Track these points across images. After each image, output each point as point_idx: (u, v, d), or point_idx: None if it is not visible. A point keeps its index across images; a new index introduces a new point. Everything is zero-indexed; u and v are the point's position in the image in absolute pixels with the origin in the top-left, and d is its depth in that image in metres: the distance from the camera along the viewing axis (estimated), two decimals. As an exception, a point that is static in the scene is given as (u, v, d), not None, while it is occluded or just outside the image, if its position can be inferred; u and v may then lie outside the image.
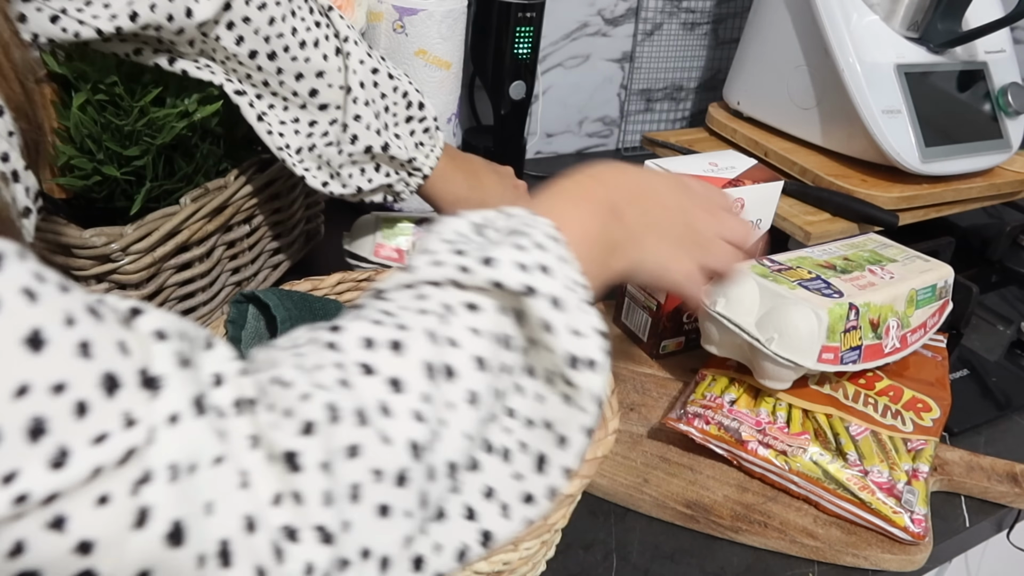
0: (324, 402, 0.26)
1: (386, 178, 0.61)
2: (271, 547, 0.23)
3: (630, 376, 0.67)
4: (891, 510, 0.52)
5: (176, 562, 0.21)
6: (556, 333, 0.31)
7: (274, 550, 0.23)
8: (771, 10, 0.92)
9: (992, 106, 0.89)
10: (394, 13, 0.78)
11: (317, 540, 0.24)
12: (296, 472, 0.24)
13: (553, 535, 0.48)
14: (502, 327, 0.32)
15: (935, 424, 0.58)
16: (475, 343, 0.30)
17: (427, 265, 0.32)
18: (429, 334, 0.29)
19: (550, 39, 1.07)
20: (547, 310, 0.31)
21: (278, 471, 0.24)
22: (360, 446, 0.26)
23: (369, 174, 0.60)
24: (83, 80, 0.55)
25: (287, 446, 0.24)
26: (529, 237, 0.33)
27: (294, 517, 0.24)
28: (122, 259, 0.55)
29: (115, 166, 0.57)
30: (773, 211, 0.66)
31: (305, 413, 0.25)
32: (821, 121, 0.87)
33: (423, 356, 0.29)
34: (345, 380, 0.27)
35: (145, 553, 0.20)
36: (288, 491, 0.24)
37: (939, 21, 0.84)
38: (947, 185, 0.85)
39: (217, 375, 0.24)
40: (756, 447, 0.55)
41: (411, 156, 0.60)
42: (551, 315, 0.31)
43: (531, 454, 0.32)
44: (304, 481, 0.24)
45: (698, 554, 0.52)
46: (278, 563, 0.23)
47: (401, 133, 0.60)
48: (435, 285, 0.31)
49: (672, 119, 1.24)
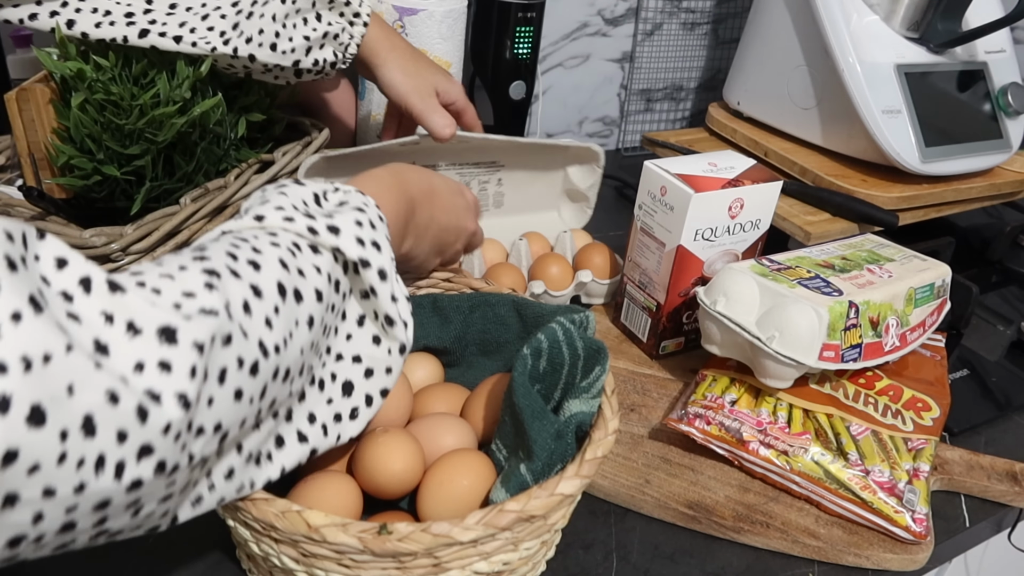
0: (198, 287, 0.30)
1: (328, 27, 0.61)
2: (135, 410, 0.26)
3: (630, 376, 0.67)
4: (893, 510, 0.52)
5: (39, 439, 0.24)
6: (379, 297, 0.40)
7: (138, 412, 0.26)
8: (771, 10, 0.92)
9: (992, 106, 0.89)
10: (394, 13, 0.78)
11: (178, 405, 0.27)
12: (170, 345, 0.28)
13: (553, 535, 0.48)
14: (336, 273, 0.38)
15: (935, 424, 0.58)
16: (317, 278, 0.37)
17: (279, 218, 0.37)
18: (281, 261, 0.35)
19: (550, 39, 1.07)
20: (375, 279, 0.39)
21: (147, 341, 0.27)
22: (231, 336, 0.31)
23: (312, 23, 0.60)
24: (80, 80, 0.55)
25: (164, 322, 0.28)
26: (366, 215, 0.40)
27: (159, 382, 0.27)
28: (122, 259, 0.55)
29: (115, 166, 0.57)
30: (773, 211, 0.66)
31: (178, 297, 0.29)
32: (821, 121, 0.87)
33: (277, 276, 0.34)
34: (212, 280, 0.31)
35: (8, 435, 0.23)
36: (156, 360, 0.27)
37: (939, 21, 0.84)
38: (947, 185, 0.85)
39: (59, 259, 0.26)
40: (757, 447, 0.55)
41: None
42: (377, 284, 0.39)
43: (339, 383, 0.41)
44: (176, 354, 0.28)
45: (698, 554, 0.52)
46: (141, 424, 0.26)
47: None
48: (285, 230, 0.37)
49: (672, 119, 1.24)
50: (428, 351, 0.56)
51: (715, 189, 0.61)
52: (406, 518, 0.45)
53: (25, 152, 0.57)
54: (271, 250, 0.35)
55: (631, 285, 0.70)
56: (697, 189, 0.60)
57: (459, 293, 0.57)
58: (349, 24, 0.63)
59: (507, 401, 0.45)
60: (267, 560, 0.40)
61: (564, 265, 0.74)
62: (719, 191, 0.61)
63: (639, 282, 0.68)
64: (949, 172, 0.84)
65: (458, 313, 0.55)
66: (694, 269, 0.64)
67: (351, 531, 0.36)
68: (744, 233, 0.65)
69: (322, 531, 0.36)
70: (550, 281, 0.72)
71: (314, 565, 0.38)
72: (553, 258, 0.75)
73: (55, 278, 0.26)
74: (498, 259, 0.76)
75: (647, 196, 0.65)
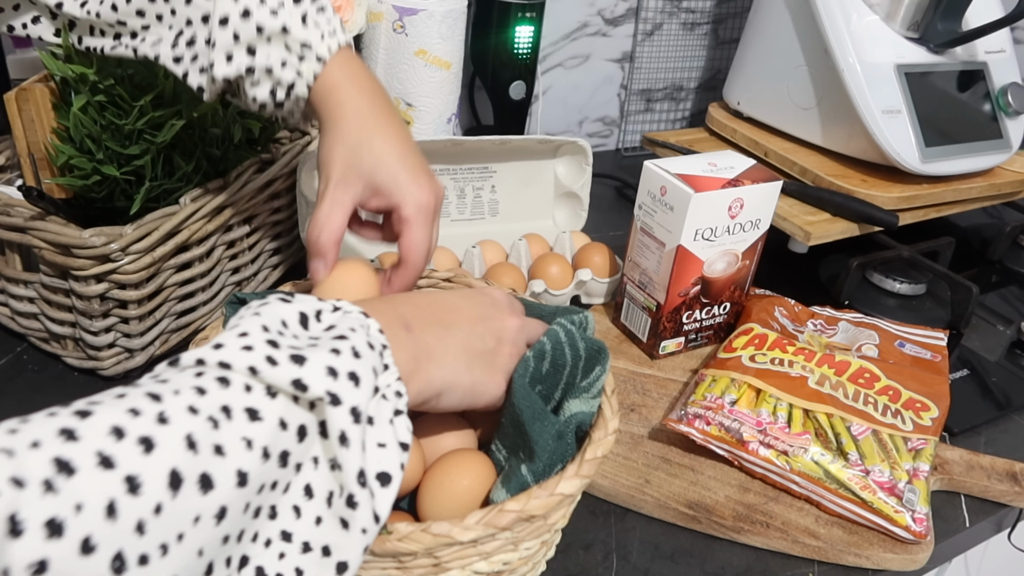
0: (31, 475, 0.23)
1: (266, 60, 0.47)
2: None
3: (630, 376, 0.67)
4: (893, 509, 0.52)
5: None
6: (350, 446, 0.31)
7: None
8: (771, 10, 0.92)
9: (992, 106, 0.89)
10: (394, 13, 0.78)
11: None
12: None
13: (553, 535, 0.48)
14: (280, 442, 0.30)
15: (934, 423, 0.57)
16: (243, 456, 0.28)
17: (237, 347, 0.30)
18: (189, 438, 0.27)
19: (550, 39, 1.07)
20: (345, 421, 0.31)
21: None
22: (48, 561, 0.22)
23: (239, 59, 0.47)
24: (83, 83, 0.55)
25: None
26: (348, 341, 0.32)
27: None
28: (122, 259, 0.55)
29: (115, 166, 0.57)
30: (772, 211, 0.66)
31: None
32: (821, 121, 0.87)
33: (173, 461, 0.26)
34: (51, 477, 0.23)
35: None
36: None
37: (939, 21, 0.84)
38: (947, 185, 0.85)
39: None
40: (757, 447, 0.55)
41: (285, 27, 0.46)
42: (349, 427, 0.31)
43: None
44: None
45: (698, 554, 0.52)
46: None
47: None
48: (227, 368, 0.29)
49: (672, 119, 1.24)
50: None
51: (715, 189, 0.61)
52: (406, 518, 0.45)
53: (25, 152, 0.57)
54: (182, 420, 0.27)
55: (631, 285, 0.70)
56: (697, 189, 0.60)
57: (459, 293, 0.57)
58: (298, 59, 0.47)
59: (507, 403, 0.45)
60: (267, 560, 0.40)
61: (564, 264, 0.74)
62: (719, 191, 0.61)
63: (639, 282, 0.68)
64: (949, 172, 0.84)
65: None
66: (694, 269, 0.64)
67: (351, 531, 0.36)
68: (744, 233, 0.65)
69: (322, 531, 0.36)
70: (550, 280, 0.72)
71: (314, 565, 0.38)
72: (553, 257, 0.75)
73: None
74: (498, 259, 0.76)
75: (647, 196, 0.65)
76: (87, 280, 0.55)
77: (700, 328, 0.70)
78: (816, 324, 0.70)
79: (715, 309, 0.69)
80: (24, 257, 0.59)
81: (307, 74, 0.47)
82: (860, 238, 0.81)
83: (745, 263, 0.67)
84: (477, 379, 0.41)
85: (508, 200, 0.82)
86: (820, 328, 0.69)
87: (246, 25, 0.46)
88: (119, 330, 0.58)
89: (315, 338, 0.33)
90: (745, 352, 0.62)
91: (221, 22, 0.46)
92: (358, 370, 0.32)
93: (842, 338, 0.67)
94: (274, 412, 0.30)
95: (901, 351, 0.66)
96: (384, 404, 0.34)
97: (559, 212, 0.85)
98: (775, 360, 0.61)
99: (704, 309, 0.68)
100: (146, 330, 0.59)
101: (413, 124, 0.85)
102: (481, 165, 0.79)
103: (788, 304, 0.71)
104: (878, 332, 0.68)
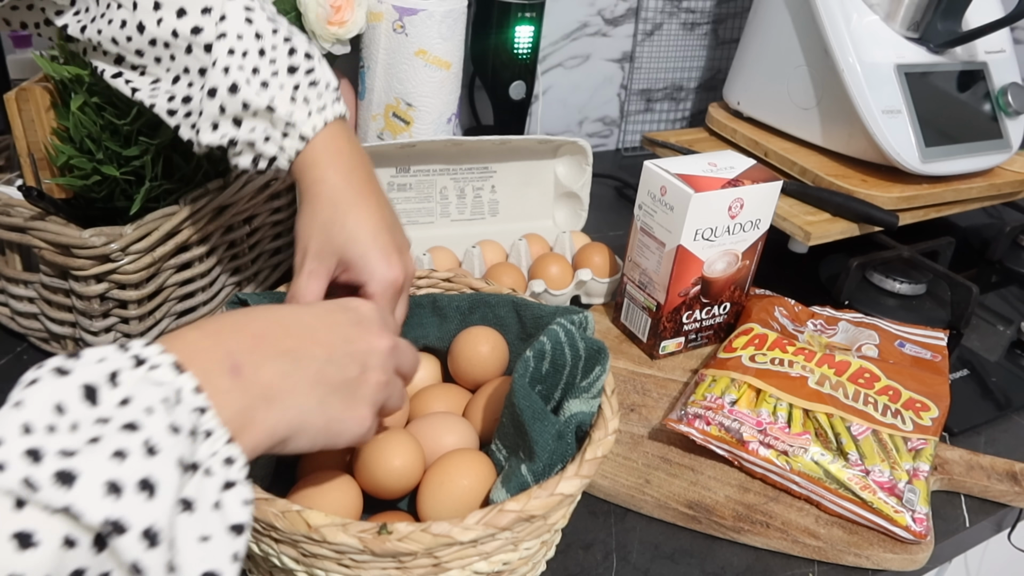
0: None
1: (251, 133, 0.47)
2: None
3: (630, 376, 0.67)
4: (893, 509, 0.52)
5: None
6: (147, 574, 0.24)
7: None
8: (771, 10, 0.92)
9: (992, 106, 0.89)
10: (394, 13, 0.78)
11: None
12: None
13: (553, 535, 0.48)
14: (70, 563, 0.23)
15: (934, 424, 0.57)
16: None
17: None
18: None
19: (550, 39, 1.07)
20: (136, 550, 0.24)
21: None
22: None
23: (224, 129, 0.47)
24: (78, 84, 0.55)
25: None
26: (141, 432, 0.25)
27: None
28: (122, 259, 0.55)
29: (115, 166, 0.57)
30: (773, 211, 0.66)
31: None
32: (821, 121, 0.87)
33: None
34: None
35: None
36: None
37: (939, 21, 0.84)
38: (947, 185, 0.85)
39: None
40: (757, 447, 0.55)
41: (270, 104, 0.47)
42: (142, 556, 0.24)
43: None
44: None
45: (698, 554, 0.52)
46: None
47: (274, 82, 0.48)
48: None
49: (672, 119, 1.24)
50: (428, 351, 0.56)
51: (715, 189, 0.61)
52: (406, 518, 0.45)
53: (25, 152, 0.57)
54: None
55: (631, 285, 0.70)
56: (697, 189, 0.60)
57: (459, 293, 0.57)
58: (281, 135, 0.47)
59: (507, 403, 0.45)
60: (267, 560, 0.40)
61: (564, 264, 0.74)
62: (719, 191, 0.61)
63: (639, 282, 0.68)
64: (949, 172, 0.84)
65: (458, 313, 0.55)
66: (694, 269, 0.64)
67: (351, 531, 0.36)
68: (744, 233, 0.65)
69: (322, 531, 0.36)
70: (550, 280, 0.72)
71: (314, 565, 0.38)
72: (553, 257, 0.75)
73: None
74: (498, 259, 0.76)
75: (647, 196, 0.65)
76: (87, 280, 0.55)
77: (700, 328, 0.70)
78: (816, 324, 0.70)
79: (715, 309, 0.69)
80: (24, 257, 0.59)
81: (289, 150, 0.48)
82: (860, 238, 0.81)
83: (745, 263, 0.67)
84: (333, 417, 0.35)
85: (508, 200, 0.82)
86: (820, 328, 0.69)
87: (233, 100, 0.47)
88: (119, 330, 0.58)
89: (104, 420, 0.26)
90: (745, 352, 0.62)
91: (210, 93, 0.47)
92: (154, 474, 0.25)
93: (842, 338, 0.67)
94: (54, 531, 0.23)
95: (901, 351, 0.66)
96: (207, 482, 0.28)
97: (559, 212, 0.85)
98: (775, 360, 0.61)
99: (704, 309, 0.68)
100: (146, 330, 0.59)
101: (413, 124, 0.85)
102: (481, 165, 0.79)
103: (788, 304, 0.71)
104: (878, 332, 0.68)
